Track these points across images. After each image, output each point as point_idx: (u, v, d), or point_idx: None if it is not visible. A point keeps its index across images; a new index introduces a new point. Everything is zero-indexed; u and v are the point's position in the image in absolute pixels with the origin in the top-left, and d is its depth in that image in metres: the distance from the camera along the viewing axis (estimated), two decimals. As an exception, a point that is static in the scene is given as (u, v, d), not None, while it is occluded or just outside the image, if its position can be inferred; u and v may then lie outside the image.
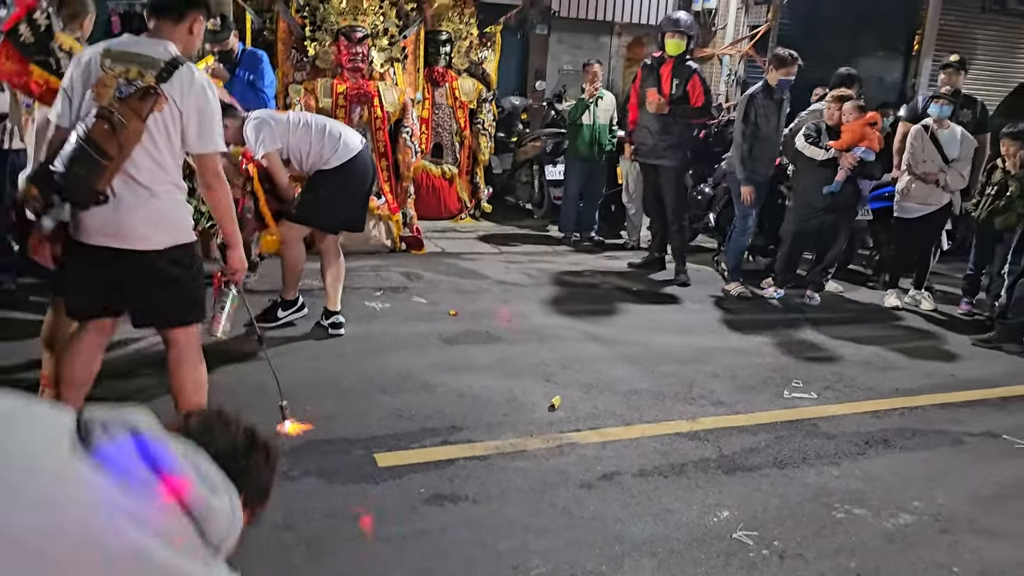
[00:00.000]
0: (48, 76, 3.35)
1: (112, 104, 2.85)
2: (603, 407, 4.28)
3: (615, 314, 6.04)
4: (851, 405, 4.56)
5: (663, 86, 6.83)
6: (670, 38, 6.82)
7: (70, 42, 3.43)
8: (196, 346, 3.25)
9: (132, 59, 2.91)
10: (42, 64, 3.33)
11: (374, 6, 7.60)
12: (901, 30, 12.79)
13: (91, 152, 2.80)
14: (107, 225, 2.94)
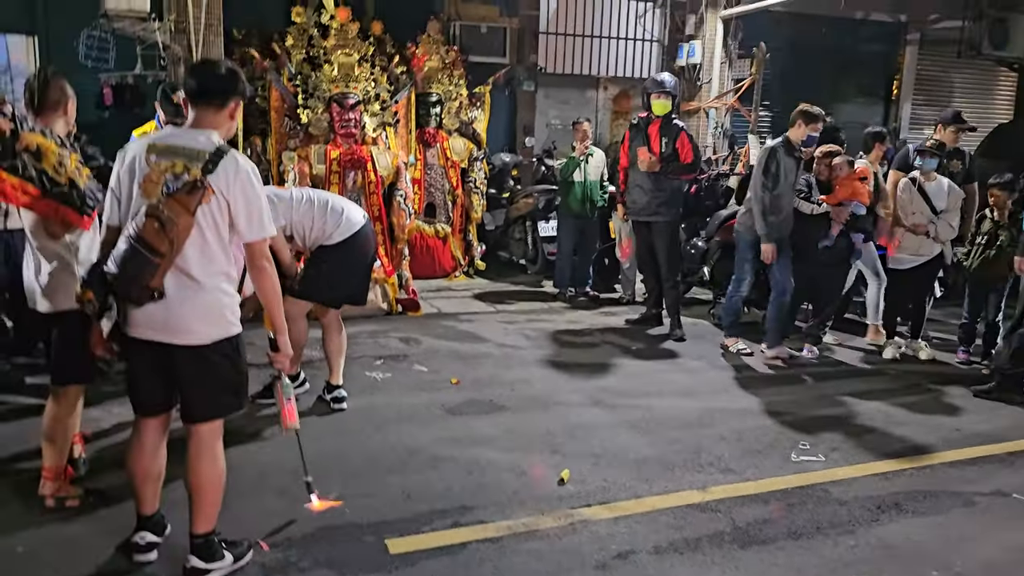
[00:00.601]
0: (19, 181, 3.29)
1: (160, 200, 2.86)
2: (612, 479, 4.24)
3: (616, 375, 6.03)
4: (860, 467, 4.54)
5: (652, 145, 6.91)
6: (655, 99, 6.94)
7: (36, 140, 3.37)
8: (219, 438, 3.20)
9: (177, 152, 2.94)
10: (10, 169, 3.27)
11: (365, 72, 7.68)
12: (880, 76, 13.01)
13: (143, 251, 2.82)
14: (157, 320, 2.95)
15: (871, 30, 12.51)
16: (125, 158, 3.01)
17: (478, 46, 10.18)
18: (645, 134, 6.98)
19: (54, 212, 3.37)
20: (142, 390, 3.14)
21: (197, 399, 3.09)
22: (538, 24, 11.00)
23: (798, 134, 6.44)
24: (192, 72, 3.13)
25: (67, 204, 3.37)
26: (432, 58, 8.79)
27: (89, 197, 3.43)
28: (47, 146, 3.37)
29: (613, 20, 11.45)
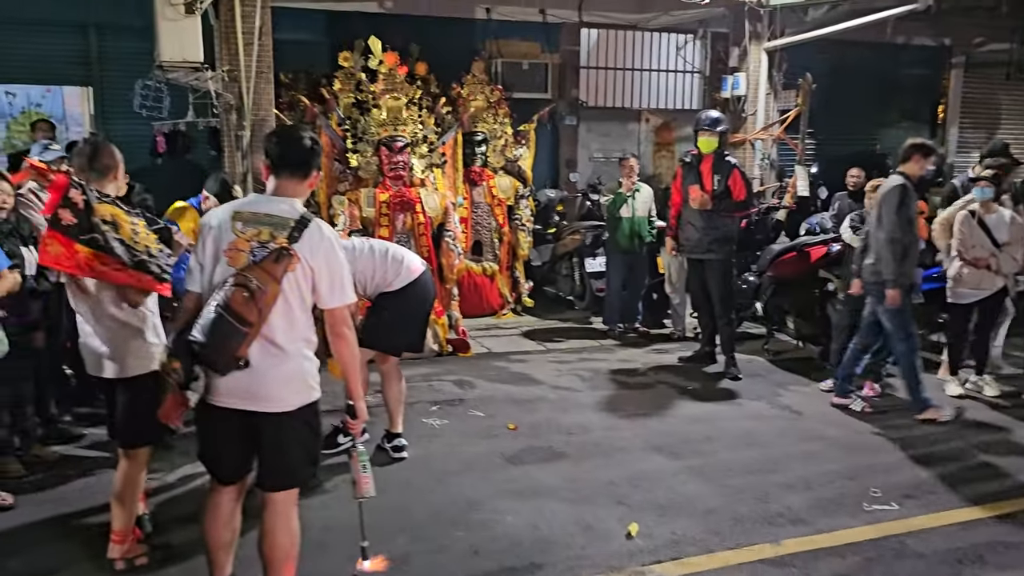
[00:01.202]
0: (97, 253, 3.33)
1: (247, 269, 2.88)
2: (681, 532, 4.16)
3: (675, 418, 5.94)
4: (935, 516, 4.40)
5: (704, 182, 6.87)
6: (702, 136, 6.94)
7: (110, 210, 3.41)
8: (295, 506, 3.19)
9: (262, 221, 2.96)
10: (89, 242, 3.31)
11: (413, 115, 7.74)
12: (925, 101, 12.89)
13: (232, 321, 2.82)
14: (241, 388, 2.95)
15: (915, 55, 12.40)
16: (210, 225, 3.02)
17: (520, 83, 10.25)
18: (697, 171, 6.94)
19: (136, 281, 3.40)
20: (222, 457, 3.13)
21: (278, 467, 3.08)
22: (579, 59, 11.05)
23: (915, 169, 5.95)
24: (277, 141, 3.13)
25: (148, 272, 3.40)
26: (477, 98, 8.84)
27: (165, 264, 3.48)
28: (120, 216, 3.41)
29: (653, 53, 11.46)
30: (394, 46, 7.98)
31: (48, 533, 4.09)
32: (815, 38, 9.20)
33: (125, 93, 8.24)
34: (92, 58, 8.73)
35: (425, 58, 8.76)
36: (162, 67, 6.89)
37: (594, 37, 11.12)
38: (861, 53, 11.32)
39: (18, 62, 8.56)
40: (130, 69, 8.26)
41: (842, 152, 11.65)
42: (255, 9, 7.06)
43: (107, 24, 8.67)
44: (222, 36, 7.10)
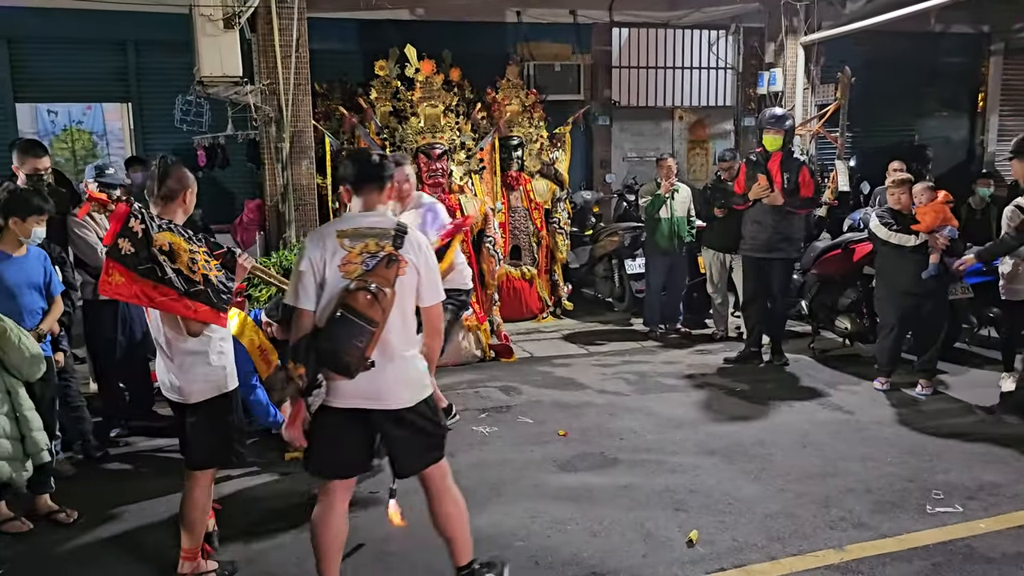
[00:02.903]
0: (156, 284, 3.34)
1: (363, 276, 3.10)
2: (743, 538, 4.11)
3: (725, 420, 5.88)
4: (1001, 519, 4.31)
5: (774, 180, 6.82)
6: (767, 133, 6.91)
7: (168, 239, 3.40)
8: (450, 477, 3.45)
9: (366, 234, 3.20)
10: (147, 273, 3.33)
11: (450, 122, 7.75)
12: (964, 89, 12.68)
13: (360, 322, 3.02)
14: (363, 388, 3.16)
15: (953, 43, 12.19)
16: (316, 244, 3.20)
17: (553, 85, 10.22)
18: (764, 169, 6.91)
19: (193, 312, 3.41)
20: (344, 458, 3.32)
21: (414, 452, 3.33)
22: (610, 59, 10.99)
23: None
24: (352, 164, 3.38)
25: (205, 302, 3.41)
26: (512, 102, 8.83)
27: (223, 292, 3.49)
28: (178, 244, 3.41)
29: (685, 50, 11.38)
30: (426, 52, 8.00)
31: (114, 550, 4.13)
32: (854, 31, 9.06)
33: (164, 108, 8.33)
34: (131, 74, 8.83)
35: (457, 63, 8.76)
36: (202, 82, 6.95)
37: (625, 36, 11.07)
38: (898, 43, 11.15)
39: (59, 81, 8.69)
40: (168, 84, 8.35)
41: (880, 145, 11.50)
42: (292, 22, 7.11)
43: (145, 41, 8.77)
44: (260, 50, 7.15)
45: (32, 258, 4.46)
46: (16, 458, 4.02)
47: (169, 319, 3.49)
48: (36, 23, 8.33)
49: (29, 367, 4.05)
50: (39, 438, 4.08)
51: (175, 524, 3.84)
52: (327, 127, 8.09)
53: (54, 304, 4.55)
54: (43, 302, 4.49)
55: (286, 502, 4.61)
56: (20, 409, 4.02)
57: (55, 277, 4.55)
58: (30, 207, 4.35)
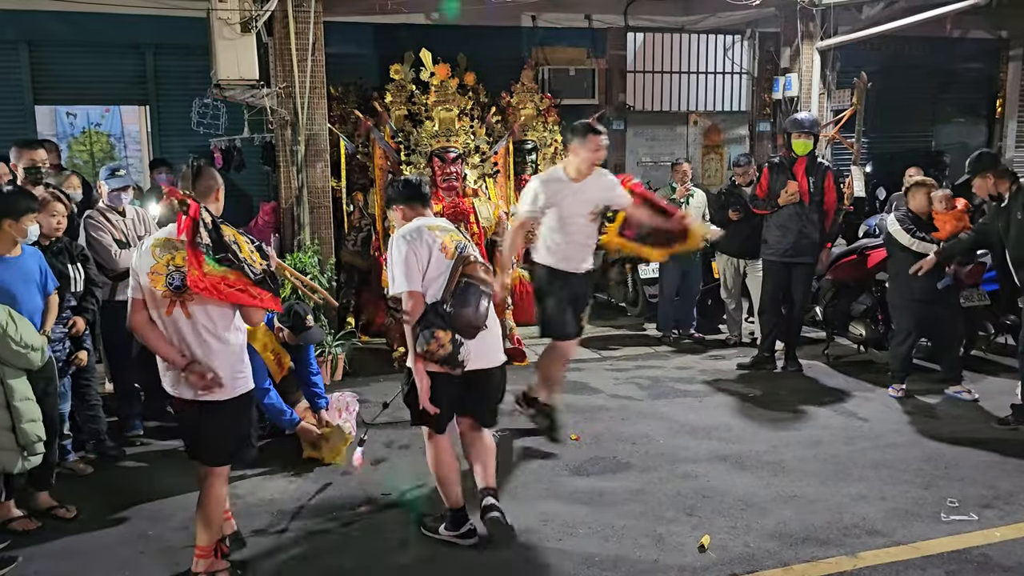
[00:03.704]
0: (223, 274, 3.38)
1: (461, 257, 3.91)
2: (755, 545, 4.10)
3: (738, 426, 5.85)
4: (1018, 527, 4.28)
5: (801, 185, 6.83)
6: (796, 138, 6.90)
7: (231, 232, 3.48)
8: None
9: (447, 229, 4.07)
10: (222, 261, 3.37)
11: (465, 126, 7.77)
12: (982, 95, 12.60)
13: (482, 288, 3.85)
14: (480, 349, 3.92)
15: (970, 48, 12.12)
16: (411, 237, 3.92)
17: (567, 89, 10.22)
18: (790, 173, 6.90)
19: (259, 300, 3.47)
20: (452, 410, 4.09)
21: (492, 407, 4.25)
22: (625, 63, 10.99)
23: None
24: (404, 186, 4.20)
25: (268, 289, 3.51)
26: (527, 106, 8.83)
27: (275, 280, 3.58)
28: (238, 236, 3.50)
29: (700, 55, 11.36)
30: (441, 56, 8.03)
31: (128, 548, 4.15)
32: (871, 36, 9.03)
33: (181, 111, 8.40)
34: (149, 77, 8.89)
35: (472, 67, 8.77)
36: (219, 85, 7.00)
37: (640, 41, 11.06)
38: (915, 49, 11.11)
39: (78, 83, 8.77)
40: (185, 87, 8.42)
41: (897, 151, 11.45)
42: (308, 25, 7.15)
43: (163, 44, 8.83)
44: (277, 53, 7.19)
45: (28, 257, 4.41)
46: (9, 448, 4.00)
47: (218, 311, 3.50)
48: (56, 26, 8.41)
49: (16, 359, 4.02)
50: (28, 429, 4.00)
51: (190, 523, 3.87)
52: (342, 130, 8.13)
53: (50, 302, 4.54)
54: (42, 301, 4.48)
55: (296, 504, 4.63)
56: (11, 399, 3.97)
57: (50, 275, 4.54)
58: (23, 207, 4.31)
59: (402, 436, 5.63)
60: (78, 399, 5.08)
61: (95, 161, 9.36)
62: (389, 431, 5.73)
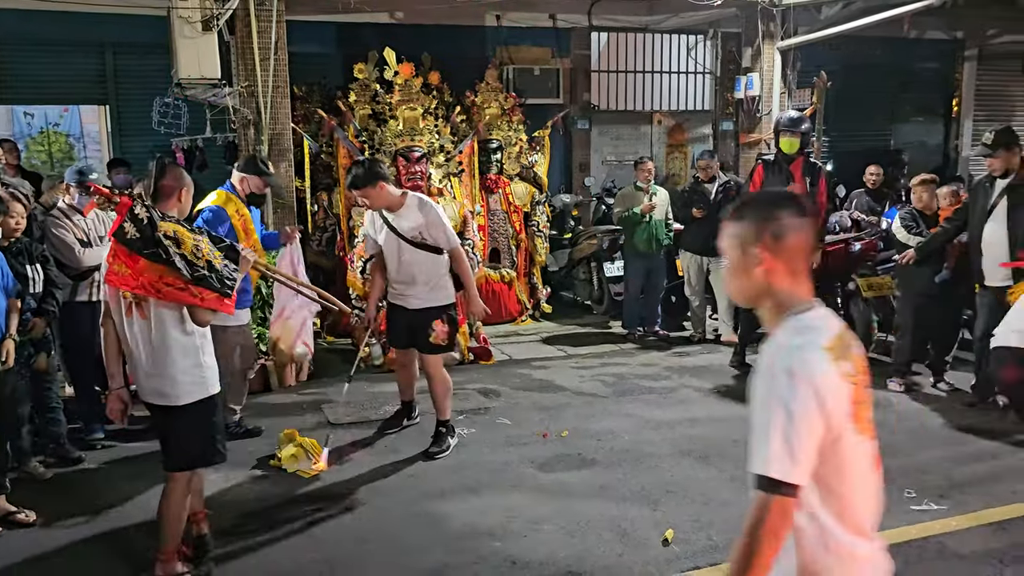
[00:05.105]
0: (161, 273, 3.35)
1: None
2: (717, 537, 4.15)
3: (701, 421, 5.92)
4: (973, 516, 4.37)
5: (798, 184, 6.89)
6: (784, 136, 6.98)
7: (172, 227, 3.41)
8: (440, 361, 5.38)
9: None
10: (152, 256, 3.33)
11: (429, 125, 7.76)
12: (939, 94, 12.85)
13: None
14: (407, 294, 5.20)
15: (927, 49, 12.36)
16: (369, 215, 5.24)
17: (532, 89, 10.25)
18: (788, 173, 6.96)
19: (199, 300, 3.41)
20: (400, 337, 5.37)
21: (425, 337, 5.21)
22: (589, 63, 11.05)
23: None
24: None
25: (210, 288, 3.42)
26: (491, 105, 8.85)
27: (227, 278, 3.48)
28: (182, 232, 3.42)
29: (664, 54, 11.47)
30: (405, 56, 8.02)
31: (89, 552, 4.11)
32: (830, 36, 9.17)
33: (142, 110, 8.30)
34: (108, 77, 8.79)
35: (437, 67, 8.76)
36: (180, 84, 6.93)
37: (604, 40, 11.13)
38: (874, 49, 11.27)
39: (36, 83, 8.64)
40: (146, 87, 8.32)
41: (857, 149, 11.62)
42: (271, 24, 7.10)
43: (123, 43, 8.73)
44: (239, 52, 7.14)
45: None
46: None
47: (173, 314, 3.46)
48: (14, 25, 8.27)
49: None
50: None
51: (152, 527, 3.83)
52: (306, 130, 8.09)
53: (12, 304, 4.48)
54: (4, 300, 4.42)
55: (262, 504, 4.60)
56: None
57: (10, 276, 4.49)
58: None
59: (368, 435, 5.62)
60: (38, 402, 5.01)
61: (53, 162, 9.22)
62: (354, 430, 5.72)
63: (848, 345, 1.89)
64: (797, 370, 1.77)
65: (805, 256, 1.94)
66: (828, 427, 1.78)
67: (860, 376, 1.88)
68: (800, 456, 1.75)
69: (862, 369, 1.91)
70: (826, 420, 1.78)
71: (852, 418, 1.84)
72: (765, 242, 1.89)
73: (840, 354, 1.84)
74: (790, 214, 1.90)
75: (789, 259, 1.90)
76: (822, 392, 1.77)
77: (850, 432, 1.83)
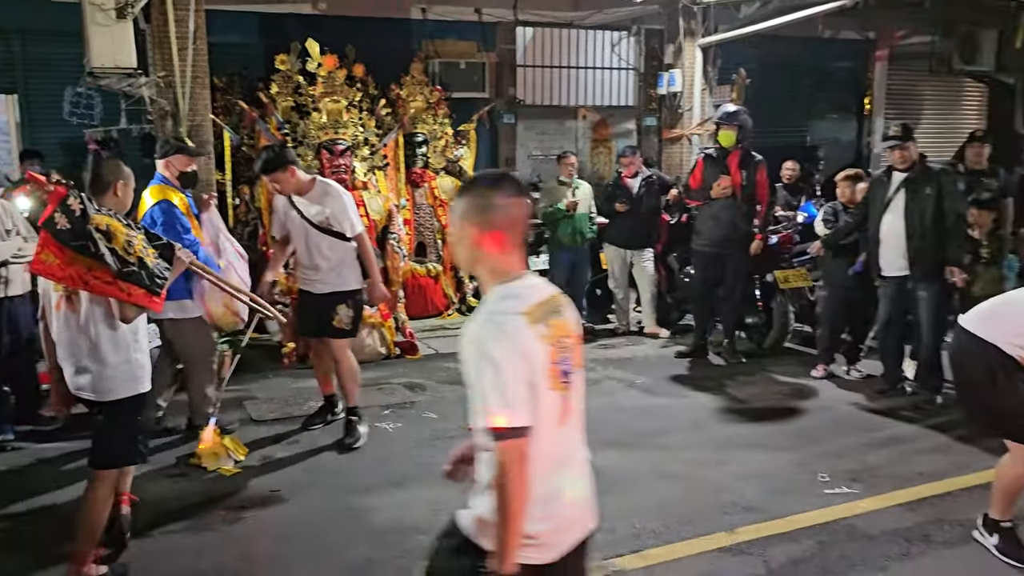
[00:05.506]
0: (88, 264, 3.31)
1: None
2: (640, 525, 4.23)
3: (625, 413, 6.02)
4: (882, 498, 4.56)
5: (733, 177, 7.02)
6: (721, 129, 7.14)
7: (106, 221, 3.40)
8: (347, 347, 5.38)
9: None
10: (81, 249, 3.30)
11: (353, 117, 7.69)
12: (852, 93, 13.25)
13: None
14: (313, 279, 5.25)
15: (841, 49, 12.73)
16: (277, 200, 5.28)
17: (457, 82, 10.20)
18: (724, 165, 7.07)
19: (126, 295, 3.37)
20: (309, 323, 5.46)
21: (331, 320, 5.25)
22: (515, 57, 11.07)
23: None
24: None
25: (138, 284, 3.39)
26: (416, 98, 8.81)
27: (157, 276, 3.47)
28: (115, 226, 3.40)
29: (589, 50, 11.54)
30: (329, 48, 7.92)
31: (-4, 558, 3.97)
32: (747, 34, 9.39)
33: (53, 100, 8.00)
34: (17, 65, 8.41)
35: (361, 59, 8.67)
36: (93, 73, 6.69)
37: (529, 35, 11.16)
38: (791, 48, 11.57)
39: (-63, 70, 8.23)
40: (58, 75, 8.02)
41: (775, 144, 11.89)
42: (188, 12, 6.90)
43: (32, 30, 8.37)
44: (155, 41, 6.92)
45: None
46: None
47: (101, 308, 3.42)
48: (-88, 9, 7.87)
49: None
50: None
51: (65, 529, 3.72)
52: (227, 122, 7.91)
53: None
54: None
55: (182, 503, 4.51)
56: None
57: None
58: None
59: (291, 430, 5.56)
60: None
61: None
62: (278, 426, 5.65)
63: (552, 311, 2.18)
64: (498, 331, 2.05)
65: (515, 231, 2.18)
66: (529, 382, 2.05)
67: (561, 339, 2.16)
68: (515, 401, 2.02)
69: (566, 333, 2.20)
70: (527, 373, 2.04)
71: (547, 374, 2.09)
72: (476, 218, 2.14)
73: (538, 319, 2.11)
74: (501, 194, 2.15)
75: (498, 233, 2.14)
76: (520, 349, 2.04)
77: (544, 387, 2.09)
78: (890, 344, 6.33)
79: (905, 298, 6.11)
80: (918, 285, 6.01)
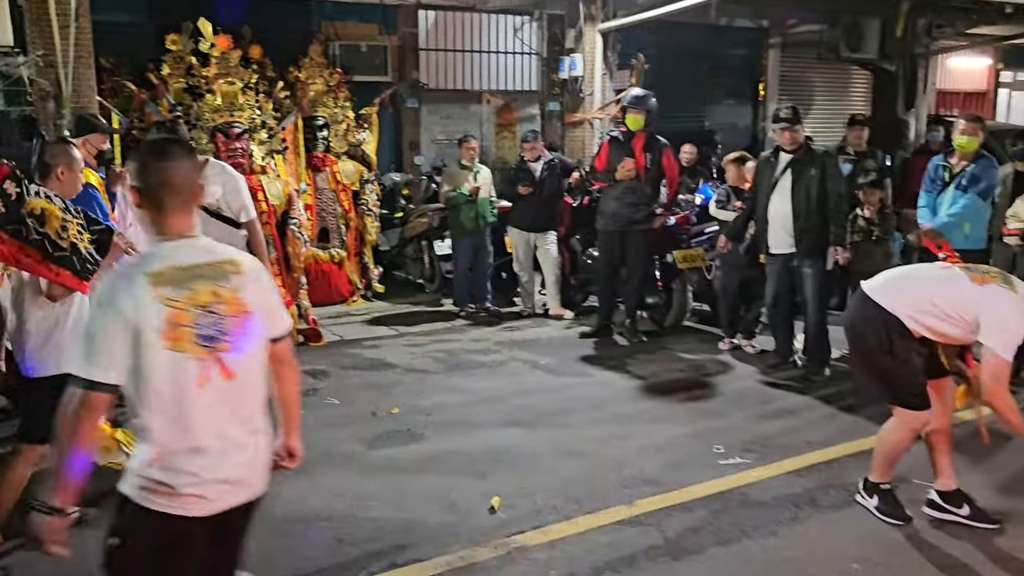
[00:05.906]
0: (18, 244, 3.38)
1: None
2: (542, 502, 4.29)
3: (529, 393, 6.07)
4: (773, 467, 4.74)
5: (638, 160, 7.10)
6: (629, 113, 7.20)
7: (41, 205, 3.45)
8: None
9: None
10: (14, 234, 3.37)
11: (249, 100, 7.51)
12: (747, 79, 13.64)
13: None
14: None
15: (737, 36, 13.09)
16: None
17: (359, 65, 10.08)
18: (629, 148, 7.14)
19: (55, 276, 3.47)
20: None
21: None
22: (417, 40, 10.98)
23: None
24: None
25: (68, 268, 3.48)
26: (316, 81, 8.65)
27: (89, 262, 3.53)
28: (51, 211, 3.46)
29: (491, 34, 11.55)
30: (224, 28, 7.69)
31: None
32: (645, 20, 9.55)
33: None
34: None
35: (258, 40, 8.45)
36: (-35, 52, 6.35)
37: (432, 18, 11.09)
38: (688, 35, 11.83)
39: None
40: (-73, 54, 7.52)
41: (674, 129, 12.13)
42: (69, -12, 6.62)
43: None
44: (33, 17, 6.61)
45: None
46: None
47: (31, 285, 3.54)
48: None
49: None
50: None
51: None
52: (115, 104, 7.61)
53: None
54: None
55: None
56: None
57: None
58: None
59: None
60: None
61: None
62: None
63: (205, 277, 2.27)
64: (106, 286, 2.23)
65: (169, 194, 2.28)
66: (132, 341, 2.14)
67: (208, 304, 2.23)
68: (92, 354, 2.13)
69: (221, 300, 2.26)
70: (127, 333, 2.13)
71: (163, 335, 2.16)
72: (135, 179, 2.28)
73: (169, 280, 2.20)
74: (152, 159, 2.29)
75: (151, 195, 2.26)
76: (116, 305, 2.13)
77: (157, 348, 2.16)
78: (779, 320, 6.58)
79: (791, 275, 6.35)
80: (803, 262, 6.25)
